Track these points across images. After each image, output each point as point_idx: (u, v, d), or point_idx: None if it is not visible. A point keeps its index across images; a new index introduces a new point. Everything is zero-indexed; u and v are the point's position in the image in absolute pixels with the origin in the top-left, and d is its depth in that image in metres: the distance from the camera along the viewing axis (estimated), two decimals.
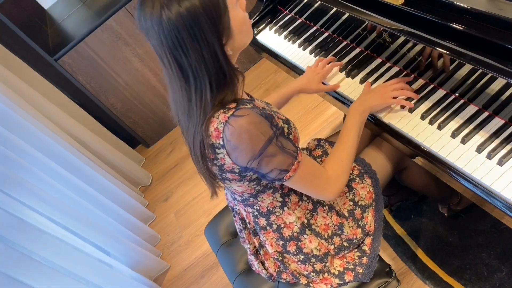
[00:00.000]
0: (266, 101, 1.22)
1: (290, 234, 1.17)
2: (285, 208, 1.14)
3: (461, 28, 1.01)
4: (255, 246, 1.28)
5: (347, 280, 1.19)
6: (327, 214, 1.19)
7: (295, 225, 1.16)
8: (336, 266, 1.20)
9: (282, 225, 1.16)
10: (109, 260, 2.02)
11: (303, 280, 1.21)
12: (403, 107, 1.19)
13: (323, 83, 1.40)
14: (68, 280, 1.66)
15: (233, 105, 0.96)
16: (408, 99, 1.19)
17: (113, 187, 2.33)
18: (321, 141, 1.41)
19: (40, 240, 1.64)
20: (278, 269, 1.24)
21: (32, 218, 1.71)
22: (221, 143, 0.95)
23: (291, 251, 1.18)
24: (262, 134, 0.95)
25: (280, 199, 1.14)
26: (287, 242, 1.17)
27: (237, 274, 1.40)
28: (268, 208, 1.14)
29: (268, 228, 1.17)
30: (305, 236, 1.17)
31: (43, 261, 1.63)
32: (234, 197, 1.18)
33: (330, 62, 1.41)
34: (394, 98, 1.19)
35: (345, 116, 2.22)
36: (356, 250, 1.22)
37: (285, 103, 1.43)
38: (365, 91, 1.25)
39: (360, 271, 1.19)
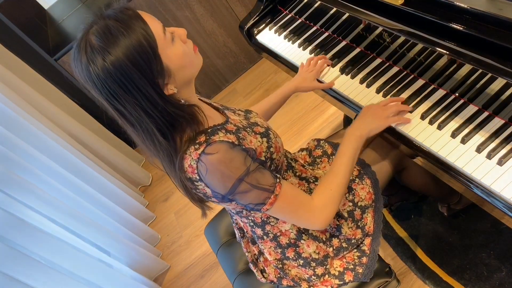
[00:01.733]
0: (247, 109, 1.20)
1: (287, 242, 1.16)
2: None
3: (461, 28, 1.01)
4: (254, 254, 1.28)
5: (347, 280, 1.19)
6: None
7: (291, 232, 1.15)
8: (336, 267, 1.20)
9: (278, 234, 1.16)
10: (109, 260, 2.03)
11: (304, 285, 1.21)
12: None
13: (318, 81, 1.40)
14: (68, 280, 1.66)
15: (203, 138, 0.94)
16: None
17: (113, 187, 2.33)
18: (321, 141, 1.41)
19: (40, 240, 1.64)
20: (279, 276, 1.24)
21: (32, 218, 1.71)
22: (197, 177, 0.96)
23: (290, 257, 1.18)
24: (232, 172, 0.94)
25: None
26: (285, 249, 1.17)
27: (237, 274, 1.40)
28: (262, 218, 1.14)
29: (265, 237, 1.17)
30: (302, 241, 1.16)
31: (43, 261, 1.63)
32: (229, 209, 1.18)
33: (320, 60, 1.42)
34: (390, 117, 1.16)
35: (345, 116, 2.23)
36: (355, 250, 1.22)
37: (282, 103, 1.43)
38: (361, 115, 1.20)
39: (360, 271, 1.19)
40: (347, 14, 1.42)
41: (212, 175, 0.94)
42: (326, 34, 1.53)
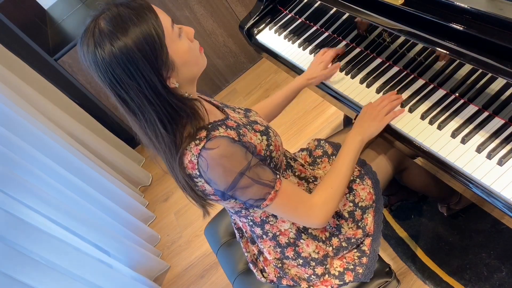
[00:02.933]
0: (246, 108, 1.21)
1: (287, 241, 1.16)
2: (278, 217, 1.14)
3: (461, 28, 1.01)
4: (254, 254, 1.28)
5: (347, 281, 1.19)
6: None
7: (290, 232, 1.16)
8: (336, 267, 1.20)
9: (278, 233, 1.16)
10: (109, 260, 2.02)
11: (303, 285, 1.21)
12: (402, 105, 1.19)
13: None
14: (68, 280, 1.66)
15: (203, 133, 0.95)
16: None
17: (113, 187, 2.33)
18: (321, 141, 1.41)
19: (40, 240, 1.64)
20: (278, 275, 1.24)
21: (32, 218, 1.71)
22: (197, 173, 0.96)
23: (290, 256, 1.18)
24: (233, 166, 0.94)
25: None
26: (285, 249, 1.17)
27: (237, 274, 1.40)
28: (261, 218, 1.14)
29: (264, 236, 1.17)
30: (301, 241, 1.16)
31: (43, 261, 1.63)
32: (228, 209, 1.18)
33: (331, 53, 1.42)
34: (386, 115, 1.18)
35: (345, 116, 2.23)
36: (355, 250, 1.22)
37: (292, 98, 1.42)
38: (360, 119, 1.21)
39: (360, 271, 1.19)
40: (347, 14, 1.42)
41: (213, 170, 0.94)
42: (326, 34, 1.53)
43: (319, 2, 1.50)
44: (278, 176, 1.02)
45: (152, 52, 0.88)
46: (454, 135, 1.07)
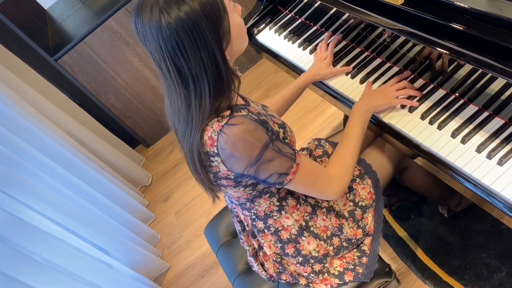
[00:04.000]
0: (262, 104, 1.22)
1: (288, 237, 1.16)
2: (283, 212, 1.14)
3: (461, 28, 1.01)
4: (254, 248, 1.28)
5: (347, 280, 1.19)
6: (326, 216, 1.19)
7: (293, 228, 1.16)
8: (336, 267, 1.20)
9: (280, 228, 1.16)
10: (109, 260, 2.02)
11: (302, 281, 1.21)
12: (403, 106, 1.19)
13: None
14: (68, 280, 1.66)
15: (227, 112, 0.95)
16: (411, 97, 1.19)
17: (113, 187, 2.33)
18: (322, 141, 1.41)
19: (40, 240, 1.64)
20: (278, 270, 1.24)
21: (32, 218, 1.71)
22: (215, 151, 0.95)
23: (290, 253, 1.18)
24: (257, 140, 0.94)
25: (277, 203, 1.13)
26: (285, 245, 1.17)
27: (237, 274, 1.40)
28: (266, 212, 1.14)
29: (266, 231, 1.17)
30: (303, 238, 1.16)
31: (43, 261, 1.63)
32: (232, 200, 1.18)
33: (328, 45, 1.44)
34: (397, 98, 1.19)
35: (345, 116, 2.22)
36: (355, 250, 1.22)
37: (299, 95, 1.43)
38: (367, 91, 1.25)
39: (360, 271, 1.19)
40: (347, 14, 1.42)
41: (236, 146, 0.93)
42: (326, 34, 1.53)
43: (319, 2, 1.50)
44: (296, 151, 1.03)
45: (217, 19, 0.89)
46: (454, 135, 1.07)
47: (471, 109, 1.09)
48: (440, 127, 1.10)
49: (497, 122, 1.04)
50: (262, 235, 1.19)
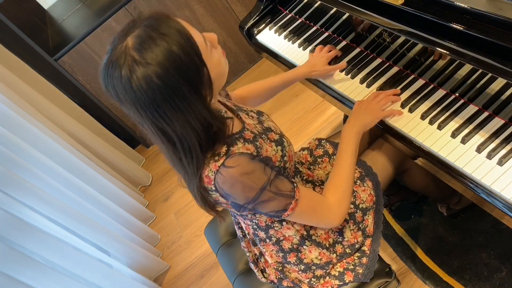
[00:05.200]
0: (258, 111, 1.18)
1: (290, 246, 1.16)
2: (284, 223, 1.14)
3: (461, 28, 1.01)
4: (255, 254, 1.28)
5: (347, 281, 1.19)
6: None
7: (294, 238, 1.15)
8: (336, 268, 1.20)
9: (281, 238, 1.16)
10: (109, 260, 2.03)
11: (304, 287, 1.21)
12: (402, 106, 1.19)
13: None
14: (68, 280, 1.66)
15: (223, 149, 0.91)
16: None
17: (113, 187, 2.33)
18: (322, 141, 1.41)
19: (40, 240, 1.64)
20: (279, 277, 1.24)
21: (32, 218, 1.71)
22: (213, 188, 0.95)
23: (292, 262, 1.18)
24: (254, 183, 0.93)
25: None
26: (287, 254, 1.17)
27: (237, 274, 1.40)
28: (267, 223, 1.13)
29: (267, 240, 1.17)
30: (304, 247, 1.16)
31: (43, 261, 1.63)
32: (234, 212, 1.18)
33: (330, 51, 1.43)
34: (382, 110, 1.19)
35: (345, 116, 2.22)
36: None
37: (287, 86, 1.41)
38: (355, 112, 1.22)
39: (360, 271, 1.19)
40: (347, 14, 1.42)
41: (234, 187, 0.93)
42: (326, 34, 1.53)
43: (319, 2, 1.50)
44: (295, 185, 1.01)
45: (194, 74, 0.81)
46: (454, 135, 1.07)
47: (471, 109, 1.09)
48: (440, 127, 1.10)
49: (497, 122, 1.04)
50: (263, 244, 1.19)
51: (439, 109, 1.13)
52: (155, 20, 0.81)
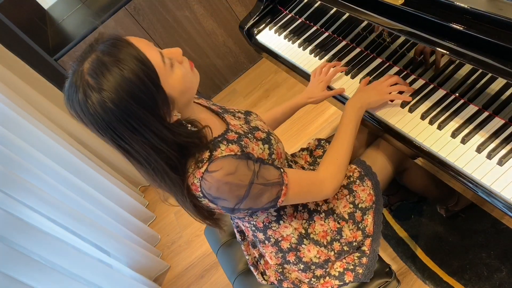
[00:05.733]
0: (246, 111, 1.18)
1: (289, 246, 1.16)
2: (281, 222, 1.14)
3: (461, 28, 1.01)
4: (254, 257, 1.28)
5: (347, 281, 1.19)
6: (324, 221, 1.18)
7: (292, 237, 1.15)
8: (336, 268, 1.20)
9: (280, 239, 1.16)
10: (109, 260, 2.03)
11: (304, 287, 1.21)
12: (403, 105, 1.19)
13: (329, 87, 1.39)
14: (68, 280, 1.66)
15: (206, 155, 0.92)
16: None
17: (113, 187, 2.33)
18: (322, 141, 1.41)
19: (40, 240, 1.64)
20: (279, 278, 1.24)
21: (32, 218, 1.71)
22: (201, 194, 0.95)
23: (291, 261, 1.18)
24: (241, 180, 0.93)
25: (275, 214, 1.12)
26: (286, 254, 1.17)
27: (237, 274, 1.40)
28: (264, 223, 1.14)
29: (266, 242, 1.17)
30: (303, 246, 1.16)
31: (43, 261, 1.63)
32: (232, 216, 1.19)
33: (334, 66, 1.40)
34: (390, 93, 1.19)
35: None
36: (356, 250, 1.22)
37: (290, 115, 1.43)
38: (360, 88, 1.25)
39: (360, 271, 1.19)
40: (347, 14, 1.42)
41: (221, 190, 0.93)
42: (326, 34, 1.53)
43: (319, 2, 1.50)
44: (282, 170, 1.01)
45: (148, 98, 0.82)
46: (454, 135, 1.07)
47: (471, 109, 1.09)
48: (440, 127, 1.10)
49: (497, 122, 1.04)
50: (263, 246, 1.19)
51: (439, 109, 1.13)
52: (110, 45, 0.83)
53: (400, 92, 1.20)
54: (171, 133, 0.87)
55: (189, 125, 0.92)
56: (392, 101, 1.21)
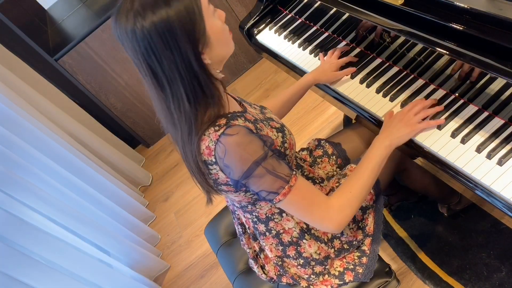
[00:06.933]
0: (261, 105, 1.20)
1: (289, 240, 1.16)
2: (284, 215, 1.14)
3: (461, 28, 1.01)
4: (255, 251, 1.28)
5: (347, 280, 1.19)
6: None
7: (294, 231, 1.15)
8: (336, 267, 1.20)
9: (281, 231, 1.16)
10: (109, 260, 2.03)
11: (303, 283, 1.21)
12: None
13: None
14: (68, 280, 1.66)
15: (223, 121, 0.95)
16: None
17: (113, 187, 2.33)
18: (322, 141, 1.41)
19: (40, 240, 1.64)
20: (278, 273, 1.24)
21: (32, 218, 1.71)
22: (214, 160, 0.96)
23: (291, 255, 1.18)
24: (250, 154, 0.94)
25: None
26: (287, 247, 1.17)
27: (237, 274, 1.40)
28: (267, 214, 1.14)
29: (267, 234, 1.17)
30: (304, 240, 1.16)
31: (43, 261, 1.63)
32: (233, 203, 1.18)
33: (342, 53, 1.41)
34: (419, 123, 1.11)
35: (345, 116, 2.23)
36: (356, 250, 1.22)
37: (301, 96, 1.42)
38: (386, 122, 1.16)
39: (360, 271, 1.19)
40: (347, 14, 1.42)
41: (230, 157, 0.94)
42: (326, 34, 1.53)
43: (319, 2, 1.50)
44: (294, 172, 1.00)
45: (191, 23, 0.89)
46: (454, 135, 1.07)
47: (471, 109, 1.09)
48: (440, 127, 1.10)
49: (497, 122, 1.04)
50: (263, 238, 1.19)
51: None
52: None
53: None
54: (198, 65, 0.92)
55: (215, 73, 0.97)
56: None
